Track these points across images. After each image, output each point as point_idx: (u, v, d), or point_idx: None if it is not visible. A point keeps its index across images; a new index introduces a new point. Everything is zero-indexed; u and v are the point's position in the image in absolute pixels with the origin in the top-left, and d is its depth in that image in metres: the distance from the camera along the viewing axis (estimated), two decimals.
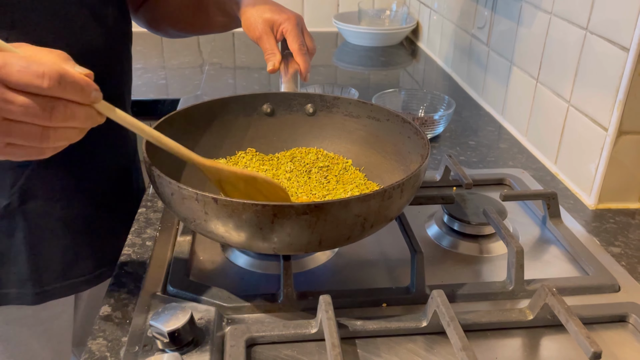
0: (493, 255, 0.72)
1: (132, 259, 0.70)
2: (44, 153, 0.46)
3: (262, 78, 1.43)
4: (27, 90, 0.42)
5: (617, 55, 0.76)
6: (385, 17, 1.79)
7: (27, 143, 0.44)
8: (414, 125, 0.69)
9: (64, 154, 0.72)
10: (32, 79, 0.41)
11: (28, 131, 0.43)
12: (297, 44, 0.79)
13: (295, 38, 0.79)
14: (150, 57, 1.58)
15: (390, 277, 0.68)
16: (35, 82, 0.41)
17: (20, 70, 0.41)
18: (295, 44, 0.79)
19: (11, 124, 0.43)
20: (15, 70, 0.41)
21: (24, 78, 0.41)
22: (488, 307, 0.62)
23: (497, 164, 0.96)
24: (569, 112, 0.89)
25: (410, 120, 0.71)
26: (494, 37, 1.17)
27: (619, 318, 0.60)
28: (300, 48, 0.79)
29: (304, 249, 0.57)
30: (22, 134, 0.43)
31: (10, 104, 0.42)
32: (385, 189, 0.54)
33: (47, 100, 0.42)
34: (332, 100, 0.78)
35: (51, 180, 0.74)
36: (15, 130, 0.43)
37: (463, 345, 0.50)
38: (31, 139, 0.44)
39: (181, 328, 0.52)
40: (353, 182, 0.72)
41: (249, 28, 0.81)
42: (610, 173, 0.81)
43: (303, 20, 0.82)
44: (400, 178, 0.56)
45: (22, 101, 0.42)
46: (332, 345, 0.50)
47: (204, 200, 0.52)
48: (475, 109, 1.21)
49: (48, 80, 0.41)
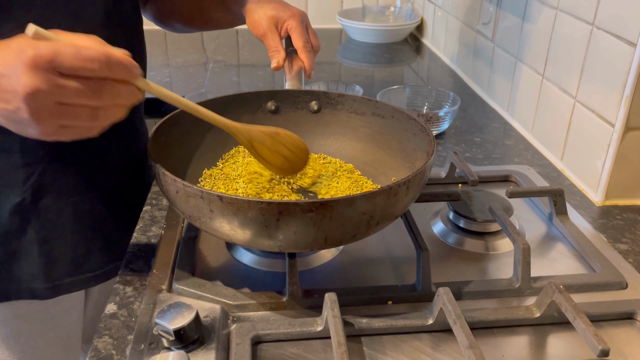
0: (499, 253, 0.71)
1: (137, 257, 0.70)
2: (92, 131, 0.50)
3: (266, 75, 1.43)
4: (79, 74, 0.45)
5: (624, 50, 0.76)
6: (389, 14, 1.79)
7: (79, 123, 0.48)
8: (419, 122, 0.69)
9: (76, 150, 0.73)
10: (85, 64, 0.45)
11: (80, 112, 0.47)
12: (301, 41, 0.79)
13: (300, 35, 0.79)
14: (155, 55, 1.58)
15: (396, 275, 0.67)
16: (87, 66, 0.45)
17: (72, 57, 0.44)
18: (300, 41, 0.79)
19: (64, 107, 0.46)
20: (67, 58, 0.44)
21: (77, 64, 0.44)
22: (494, 304, 0.62)
23: (503, 161, 0.96)
24: (575, 108, 0.89)
25: (416, 117, 0.70)
26: (499, 33, 1.17)
27: (626, 315, 0.60)
28: (305, 45, 0.79)
29: (310, 247, 0.57)
30: (75, 115, 0.47)
31: (64, 89, 0.45)
32: (391, 186, 0.54)
33: (95, 82, 0.46)
34: (336, 98, 0.78)
35: (63, 177, 0.74)
36: (68, 112, 0.46)
37: (470, 343, 0.49)
38: (83, 119, 0.47)
39: (187, 326, 0.52)
40: (349, 178, 0.72)
41: (253, 25, 0.81)
42: (617, 169, 0.81)
43: (307, 17, 0.83)
44: (405, 175, 0.56)
45: (74, 85, 0.45)
46: (338, 343, 0.50)
47: (209, 198, 0.52)
48: (481, 105, 1.21)
49: (98, 63, 0.45)
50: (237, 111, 0.76)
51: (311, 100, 0.78)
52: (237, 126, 0.63)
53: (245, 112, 0.77)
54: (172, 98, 0.56)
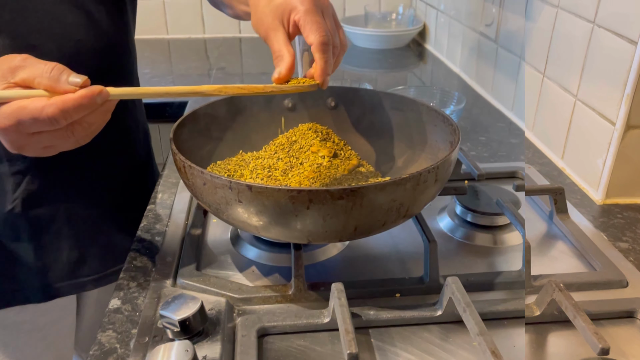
0: (507, 246, 0.70)
1: (141, 254, 0.69)
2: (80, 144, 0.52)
3: (269, 81, 1.42)
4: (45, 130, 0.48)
5: (625, 48, 0.75)
6: (391, 20, 1.79)
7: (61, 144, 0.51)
8: (441, 112, 0.68)
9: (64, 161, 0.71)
10: (45, 125, 0.47)
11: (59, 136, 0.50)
12: (314, 36, 0.57)
13: (312, 29, 0.57)
14: (158, 62, 1.59)
15: (403, 269, 0.66)
16: (49, 125, 0.47)
17: (33, 123, 0.47)
18: (312, 36, 0.57)
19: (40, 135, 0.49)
20: (28, 124, 0.47)
21: (39, 126, 0.48)
22: (503, 296, 0.61)
23: (509, 159, 0.95)
24: (576, 107, 0.88)
25: (437, 108, 0.69)
26: (502, 34, 1.17)
27: (627, 314, 0.59)
28: (321, 42, 0.57)
29: (339, 237, 0.56)
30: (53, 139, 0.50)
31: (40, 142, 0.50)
32: (421, 173, 0.53)
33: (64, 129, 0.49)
34: (353, 93, 0.77)
35: (53, 185, 0.73)
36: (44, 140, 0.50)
37: (480, 330, 0.48)
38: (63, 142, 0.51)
39: (192, 317, 0.51)
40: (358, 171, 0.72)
41: (257, 24, 0.63)
42: (618, 168, 0.80)
43: (330, 7, 0.62)
44: None
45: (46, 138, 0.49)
46: (345, 331, 0.49)
47: (238, 188, 0.51)
48: (486, 106, 1.20)
49: (56, 121, 0.47)
50: (254, 109, 0.75)
51: (328, 97, 0.77)
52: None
53: (263, 110, 0.76)
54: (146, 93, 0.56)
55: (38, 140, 0.49)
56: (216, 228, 0.74)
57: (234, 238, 0.71)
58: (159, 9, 1.78)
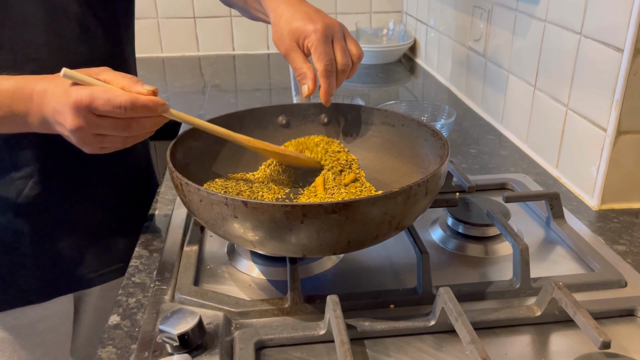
0: (498, 256, 0.72)
1: (139, 270, 0.70)
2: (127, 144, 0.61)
3: (263, 97, 1.45)
4: (110, 116, 0.56)
5: (612, 56, 0.78)
6: (382, 36, 1.82)
7: (114, 146, 0.60)
8: (431, 127, 0.70)
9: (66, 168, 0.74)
10: (114, 109, 0.56)
11: (114, 139, 0.59)
12: (320, 63, 0.67)
13: (319, 56, 0.67)
14: (153, 80, 1.61)
15: (397, 281, 0.68)
16: (116, 111, 0.56)
17: (104, 104, 0.55)
18: (319, 63, 0.68)
19: (101, 137, 0.59)
20: (100, 104, 0.55)
21: (108, 109, 0.56)
22: (495, 305, 0.62)
23: (499, 171, 0.97)
24: (567, 116, 0.90)
25: (426, 123, 0.71)
26: (490, 49, 1.19)
27: (627, 312, 0.60)
28: (325, 69, 0.67)
29: (333, 250, 0.57)
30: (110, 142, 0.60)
31: (99, 125, 0.57)
32: (411, 186, 0.55)
33: (124, 120, 0.57)
34: (346, 109, 0.79)
35: (55, 190, 0.76)
36: (105, 140, 0.59)
37: (472, 339, 0.50)
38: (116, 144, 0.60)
39: (190, 331, 0.52)
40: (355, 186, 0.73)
41: (277, 41, 0.72)
42: (612, 173, 0.82)
43: (338, 28, 0.69)
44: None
45: (107, 123, 0.57)
46: (341, 342, 0.50)
47: (234, 204, 0.53)
48: (476, 119, 1.22)
49: (124, 109, 0.56)
50: (249, 127, 0.76)
51: (321, 113, 0.79)
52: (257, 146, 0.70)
53: (257, 127, 0.77)
54: (198, 124, 0.65)
55: (99, 140, 0.59)
56: (213, 243, 0.75)
57: (230, 253, 0.73)
58: (153, 28, 1.80)
